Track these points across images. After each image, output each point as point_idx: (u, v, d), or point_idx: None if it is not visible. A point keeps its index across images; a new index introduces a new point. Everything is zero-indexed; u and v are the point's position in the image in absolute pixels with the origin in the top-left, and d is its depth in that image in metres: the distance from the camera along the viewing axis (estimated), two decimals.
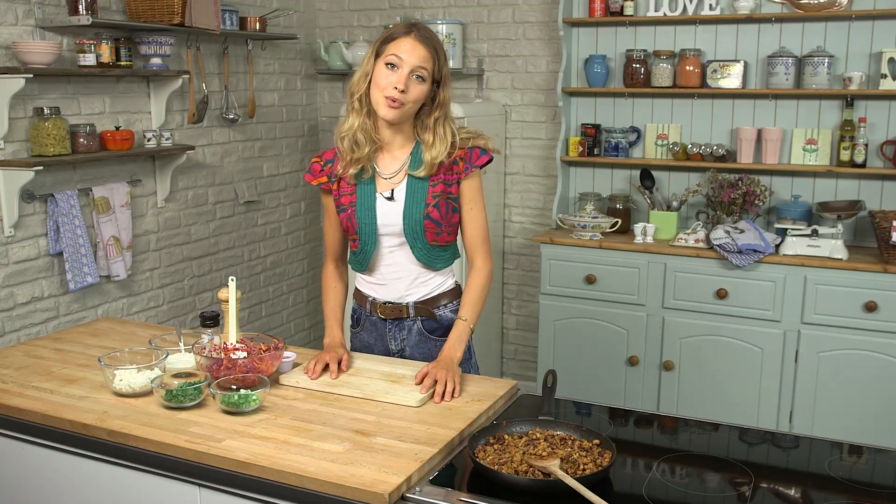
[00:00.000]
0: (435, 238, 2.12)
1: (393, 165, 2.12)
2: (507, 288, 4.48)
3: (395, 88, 1.97)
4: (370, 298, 2.23)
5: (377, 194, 2.11)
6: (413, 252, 2.13)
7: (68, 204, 3.17)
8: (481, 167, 2.13)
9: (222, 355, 1.96)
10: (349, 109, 2.09)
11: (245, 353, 1.98)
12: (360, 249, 2.16)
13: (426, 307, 2.18)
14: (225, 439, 1.70)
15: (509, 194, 4.40)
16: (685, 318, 3.61)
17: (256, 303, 4.42)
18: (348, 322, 2.33)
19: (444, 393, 1.92)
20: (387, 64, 1.99)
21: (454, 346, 2.07)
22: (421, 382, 1.96)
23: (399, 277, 2.16)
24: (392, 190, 2.11)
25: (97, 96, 3.36)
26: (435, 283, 2.19)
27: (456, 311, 2.21)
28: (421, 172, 2.07)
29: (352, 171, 2.11)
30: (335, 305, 2.28)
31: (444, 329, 2.20)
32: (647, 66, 3.88)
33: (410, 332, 2.21)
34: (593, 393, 3.75)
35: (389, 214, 2.10)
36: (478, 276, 2.16)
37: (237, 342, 2.02)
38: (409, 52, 1.98)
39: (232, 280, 2.06)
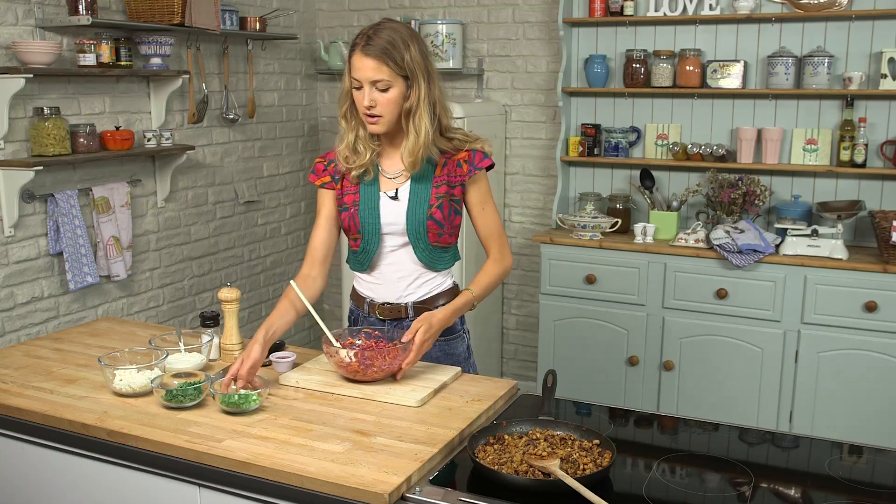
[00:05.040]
0: (437, 239, 2.12)
1: (397, 165, 2.13)
2: (507, 288, 4.48)
3: (364, 107, 2.02)
4: (368, 299, 2.22)
5: (381, 193, 2.12)
6: (415, 252, 2.13)
7: (68, 204, 3.17)
8: (486, 170, 2.13)
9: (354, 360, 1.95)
10: (343, 128, 2.12)
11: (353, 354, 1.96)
12: (361, 249, 2.15)
13: (425, 307, 2.17)
14: (225, 439, 1.70)
15: (509, 194, 4.40)
16: (685, 318, 3.61)
17: (256, 303, 4.42)
18: (345, 324, 2.31)
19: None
20: (353, 87, 2.03)
21: (446, 308, 2.06)
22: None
23: (400, 277, 2.16)
24: (396, 189, 2.12)
25: (97, 96, 3.36)
26: (434, 284, 2.18)
27: None
28: (408, 170, 2.08)
29: (354, 173, 2.12)
30: (277, 318, 2.05)
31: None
32: (647, 66, 3.88)
33: None
34: (593, 393, 3.74)
35: (393, 214, 2.11)
36: (495, 263, 2.16)
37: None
38: (360, 69, 1.99)
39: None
